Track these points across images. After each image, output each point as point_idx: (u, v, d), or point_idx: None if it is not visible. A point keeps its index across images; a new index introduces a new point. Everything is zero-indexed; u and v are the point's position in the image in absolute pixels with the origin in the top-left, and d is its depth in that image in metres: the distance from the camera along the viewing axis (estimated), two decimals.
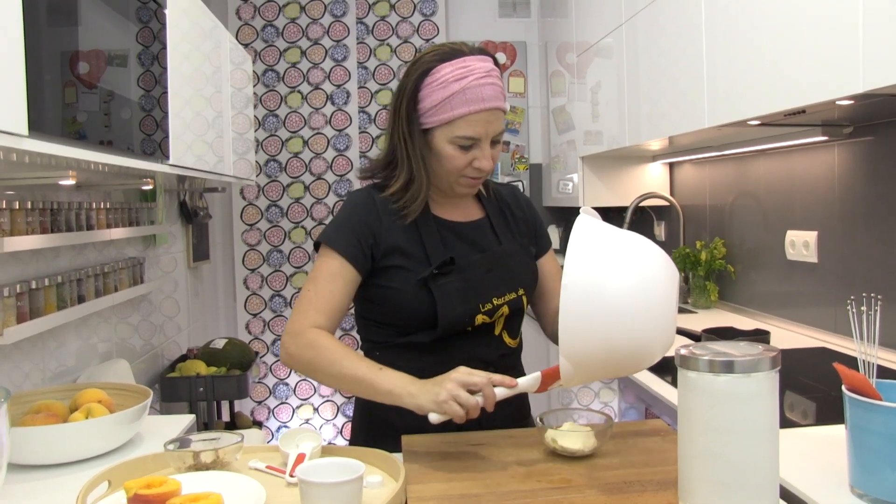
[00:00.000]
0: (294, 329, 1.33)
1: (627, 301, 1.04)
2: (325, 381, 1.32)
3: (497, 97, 1.34)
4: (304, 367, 1.32)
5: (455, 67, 1.33)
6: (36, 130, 1.18)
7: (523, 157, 4.08)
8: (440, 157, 1.37)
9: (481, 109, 1.32)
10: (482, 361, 1.42)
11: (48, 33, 1.29)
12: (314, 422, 3.88)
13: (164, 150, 1.84)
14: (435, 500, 1.05)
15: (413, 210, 1.39)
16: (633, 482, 1.10)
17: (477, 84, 1.32)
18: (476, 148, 1.36)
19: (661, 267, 1.08)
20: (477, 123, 1.33)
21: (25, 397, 1.55)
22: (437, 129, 1.35)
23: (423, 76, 1.35)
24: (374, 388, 1.25)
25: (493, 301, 1.40)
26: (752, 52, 1.81)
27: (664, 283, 1.07)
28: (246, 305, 3.85)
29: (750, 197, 2.68)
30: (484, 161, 1.36)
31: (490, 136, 1.36)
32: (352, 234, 1.38)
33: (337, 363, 1.28)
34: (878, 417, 1.02)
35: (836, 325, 2.19)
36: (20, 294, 1.70)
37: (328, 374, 1.29)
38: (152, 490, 1.03)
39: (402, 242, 1.38)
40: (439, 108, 1.33)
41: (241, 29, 3.78)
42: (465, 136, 1.33)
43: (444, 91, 1.33)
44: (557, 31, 3.67)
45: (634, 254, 1.08)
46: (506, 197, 1.56)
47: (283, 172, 3.84)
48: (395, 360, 1.44)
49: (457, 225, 1.45)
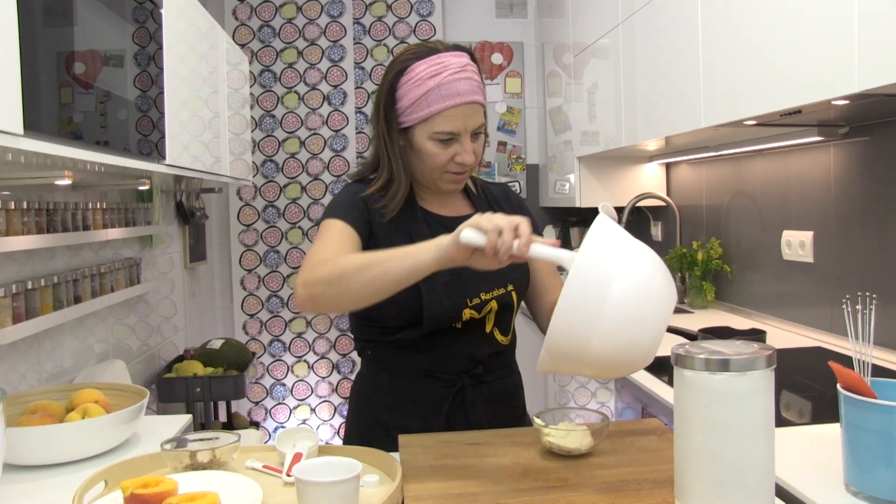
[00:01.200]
0: (305, 267, 1.25)
1: (625, 310, 1.01)
2: (352, 284, 1.18)
3: (473, 91, 1.35)
4: (327, 280, 1.19)
5: (429, 64, 1.34)
6: (32, 130, 1.17)
7: (520, 158, 4.08)
8: (421, 154, 1.37)
9: (458, 104, 1.33)
10: (473, 359, 1.42)
11: (44, 33, 1.29)
12: (311, 422, 3.87)
13: (160, 150, 1.84)
14: (432, 499, 1.06)
15: (391, 209, 1.40)
16: (630, 481, 1.10)
17: (452, 79, 1.32)
18: (456, 143, 1.36)
19: (667, 288, 1.05)
20: (454, 118, 1.33)
21: (22, 397, 1.54)
22: (415, 126, 1.36)
23: (398, 76, 1.36)
24: (412, 253, 1.15)
25: (482, 296, 1.40)
26: (749, 52, 1.82)
27: (665, 307, 1.04)
28: (243, 306, 3.85)
29: (746, 197, 2.69)
30: (465, 155, 1.36)
31: (469, 129, 1.36)
32: (353, 207, 1.39)
33: (361, 256, 1.21)
34: (873, 415, 1.03)
35: (832, 324, 2.20)
36: (16, 294, 1.70)
37: (357, 266, 1.17)
38: (149, 490, 1.02)
39: (391, 236, 1.38)
40: (416, 105, 1.34)
41: (238, 29, 3.78)
42: (443, 131, 1.34)
43: (420, 88, 1.33)
44: (554, 31, 3.67)
45: (645, 265, 1.05)
46: (496, 195, 1.56)
47: (279, 173, 3.84)
48: (386, 359, 1.45)
49: (445, 219, 1.45)
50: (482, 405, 1.43)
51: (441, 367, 1.41)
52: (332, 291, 1.19)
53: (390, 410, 1.44)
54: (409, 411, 1.42)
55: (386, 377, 1.45)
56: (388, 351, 1.43)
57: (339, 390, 3.89)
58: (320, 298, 1.21)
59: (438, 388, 1.42)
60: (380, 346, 1.44)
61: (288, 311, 3.86)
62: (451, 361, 1.41)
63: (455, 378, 1.42)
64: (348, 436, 1.51)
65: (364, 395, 1.50)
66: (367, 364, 1.51)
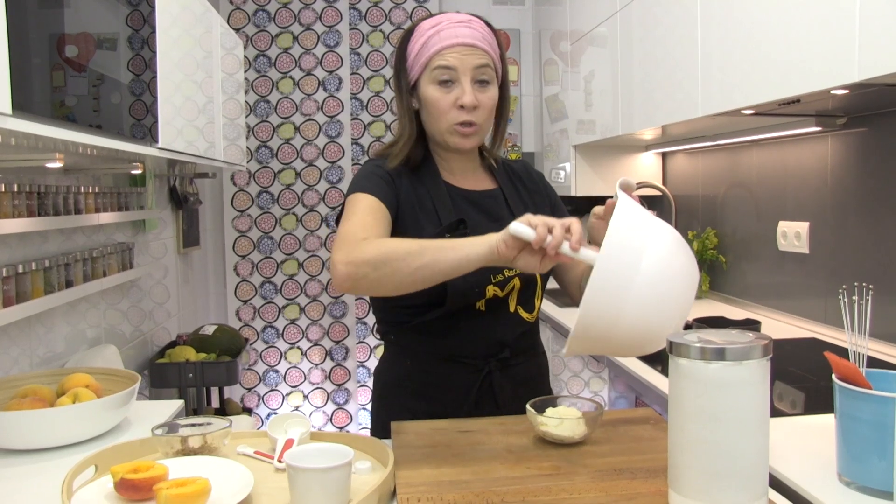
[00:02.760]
0: (344, 243, 1.20)
1: (654, 286, 1.00)
2: (400, 268, 1.14)
3: (474, 37, 1.36)
4: (373, 262, 1.15)
5: (434, 21, 1.39)
6: (22, 111, 1.16)
7: (516, 146, 4.07)
8: (427, 104, 1.39)
9: (455, 44, 1.35)
10: (499, 342, 1.41)
11: (35, 14, 1.27)
12: (304, 409, 3.87)
13: (153, 134, 1.83)
14: (424, 485, 1.05)
15: (395, 155, 1.41)
16: (624, 469, 1.10)
17: (451, 25, 1.36)
18: (457, 86, 1.36)
19: (690, 262, 1.06)
20: (451, 56, 1.35)
21: (12, 382, 1.53)
22: (421, 77, 1.39)
23: (407, 36, 1.42)
24: (463, 246, 1.13)
25: (505, 272, 1.38)
26: (747, 40, 1.81)
27: (690, 280, 1.05)
28: (236, 292, 3.84)
29: (742, 187, 2.68)
30: (465, 97, 1.35)
31: (467, 68, 1.35)
32: (380, 179, 1.38)
33: (409, 242, 1.17)
34: (868, 406, 1.03)
35: (827, 315, 2.20)
36: (6, 278, 1.69)
37: (407, 251, 1.14)
38: (139, 475, 1.02)
39: (415, 209, 1.38)
40: (419, 55, 1.38)
41: (233, 13, 3.74)
42: (440, 66, 1.35)
43: (423, 38, 1.37)
44: (551, 19, 3.65)
45: (670, 242, 1.05)
46: (517, 170, 1.56)
47: (274, 159, 3.82)
48: (410, 343, 1.43)
49: (469, 193, 1.45)
50: (510, 389, 1.42)
51: (467, 351, 1.40)
52: (376, 273, 1.15)
53: (417, 397, 1.42)
54: (436, 397, 1.41)
55: (411, 363, 1.44)
56: (412, 336, 1.41)
57: (333, 377, 3.89)
58: (363, 280, 1.15)
59: (465, 374, 1.40)
60: (403, 329, 1.42)
61: (281, 297, 3.85)
62: (477, 345, 1.40)
63: (482, 363, 1.40)
64: (374, 422, 1.49)
65: (389, 382, 1.48)
66: (390, 349, 1.50)
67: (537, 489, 1.03)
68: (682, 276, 1.04)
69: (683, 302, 1.04)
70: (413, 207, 1.38)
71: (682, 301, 1.04)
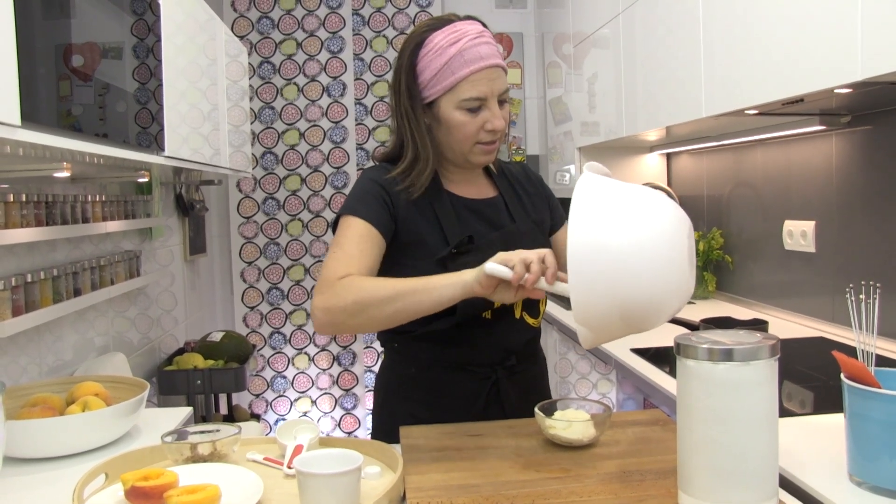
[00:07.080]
0: (323, 286, 1.23)
1: (632, 256, 1.00)
2: (376, 315, 1.19)
3: (495, 55, 1.33)
4: (350, 310, 1.19)
5: (447, 33, 1.32)
6: (29, 121, 1.17)
7: (520, 149, 4.07)
8: (450, 126, 1.34)
9: (482, 67, 1.31)
10: (506, 350, 1.40)
11: (41, 26, 1.28)
12: (312, 414, 3.88)
13: (159, 142, 1.83)
14: (433, 490, 1.05)
15: (419, 185, 1.36)
16: (633, 471, 1.10)
17: (472, 44, 1.31)
18: (485, 109, 1.33)
19: (668, 218, 1.04)
20: (480, 82, 1.31)
21: (22, 390, 1.54)
22: (441, 98, 1.33)
23: (417, 49, 1.34)
24: (437, 287, 1.17)
25: None
26: (750, 40, 1.81)
27: (671, 234, 1.03)
28: (243, 298, 3.85)
29: (747, 187, 2.68)
30: (496, 121, 1.34)
31: (496, 93, 1.33)
32: (373, 200, 1.35)
33: (385, 285, 1.19)
34: (877, 405, 1.02)
35: (834, 314, 2.19)
36: (15, 287, 1.69)
37: (381, 299, 1.18)
38: (149, 482, 1.02)
39: (417, 220, 1.36)
40: (439, 75, 1.31)
41: (237, 21, 3.76)
42: (471, 97, 1.31)
43: (441, 57, 1.31)
44: (554, 21, 3.66)
45: (637, 207, 1.04)
46: (516, 174, 1.54)
47: (279, 165, 3.83)
48: (416, 352, 1.41)
49: (472, 202, 1.43)
50: (516, 396, 1.42)
51: (474, 359, 1.39)
52: (353, 321, 1.21)
53: (424, 405, 1.41)
54: (443, 406, 1.39)
55: (416, 371, 1.42)
56: (418, 344, 1.40)
57: (340, 382, 3.89)
58: (342, 325, 1.22)
59: (472, 382, 1.40)
60: (408, 338, 1.40)
61: (288, 303, 3.86)
62: (484, 354, 1.39)
63: (489, 371, 1.40)
64: (377, 430, 1.47)
65: (392, 390, 1.46)
66: (392, 356, 1.47)
67: (547, 492, 1.03)
68: (663, 236, 1.02)
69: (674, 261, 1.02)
70: (414, 218, 1.36)
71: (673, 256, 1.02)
